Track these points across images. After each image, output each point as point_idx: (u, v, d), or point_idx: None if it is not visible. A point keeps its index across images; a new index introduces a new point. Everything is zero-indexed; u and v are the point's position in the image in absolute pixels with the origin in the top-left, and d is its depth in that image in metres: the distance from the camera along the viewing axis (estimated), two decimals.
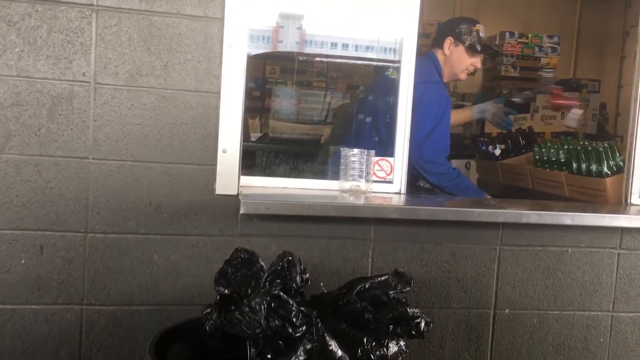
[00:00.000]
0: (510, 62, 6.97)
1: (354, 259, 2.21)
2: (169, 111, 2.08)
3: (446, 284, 2.29)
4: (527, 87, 6.80)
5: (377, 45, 3.91)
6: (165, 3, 2.05)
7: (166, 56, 2.07)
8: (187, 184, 2.11)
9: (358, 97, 3.19)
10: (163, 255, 2.12)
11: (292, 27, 4.66)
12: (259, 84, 5.06)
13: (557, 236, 2.35)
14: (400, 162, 2.41)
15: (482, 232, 2.30)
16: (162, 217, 2.10)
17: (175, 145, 2.09)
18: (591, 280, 2.40)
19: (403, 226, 2.23)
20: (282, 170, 3.20)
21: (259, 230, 2.15)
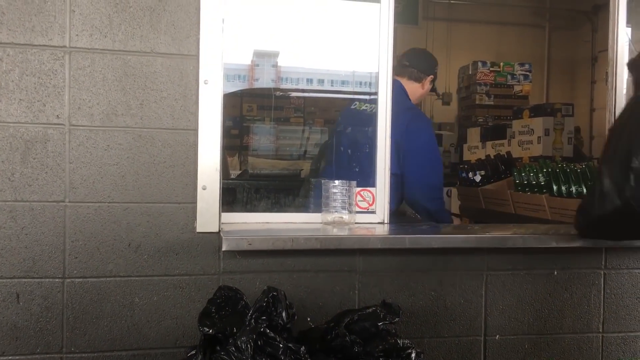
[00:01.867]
0: (484, 91, 7.10)
1: (341, 292, 2.18)
2: (146, 150, 2.06)
3: (435, 312, 2.26)
4: (501, 115, 6.92)
5: (352, 79, 3.95)
6: (139, 42, 2.04)
7: (142, 95, 2.05)
8: (167, 223, 2.07)
9: (336, 130, 3.19)
10: (144, 297, 2.06)
11: (267, 65, 4.70)
12: (237, 121, 5.07)
13: (542, 259, 2.34)
14: (382, 191, 2.41)
15: (468, 258, 2.28)
16: (142, 258, 2.05)
17: (153, 184, 2.06)
18: (579, 301, 2.38)
19: (389, 256, 2.21)
20: (264, 206, 3.17)
21: (242, 267, 2.11)
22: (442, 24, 7.54)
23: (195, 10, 2.07)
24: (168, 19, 2.06)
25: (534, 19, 7.92)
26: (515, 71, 7.20)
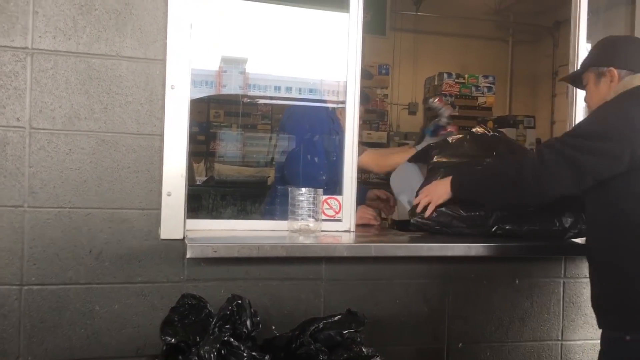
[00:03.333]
0: (449, 102, 7.20)
1: (306, 300, 2.17)
2: (109, 155, 2.02)
3: (399, 320, 2.27)
4: (466, 125, 7.02)
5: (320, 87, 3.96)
6: (104, 45, 2.01)
7: (106, 99, 2.01)
8: (130, 230, 2.03)
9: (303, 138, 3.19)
10: (105, 305, 2.02)
11: (235, 71, 4.67)
12: (204, 127, 5.03)
13: (504, 268, 2.38)
14: (348, 199, 2.41)
15: (433, 266, 2.30)
16: (103, 266, 2.01)
17: (116, 190, 2.02)
18: (540, 309, 2.42)
19: (354, 264, 2.21)
20: (230, 212, 3.14)
21: (207, 274, 2.09)
22: (409, 35, 7.63)
23: (162, 15, 2.05)
24: (134, 23, 2.03)
25: (497, 32, 8.08)
26: (479, 83, 7.32)
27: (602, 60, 2.04)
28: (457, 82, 7.24)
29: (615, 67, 1.99)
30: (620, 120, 1.85)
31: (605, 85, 2.01)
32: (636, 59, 2.00)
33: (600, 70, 2.03)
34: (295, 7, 3.17)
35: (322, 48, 2.94)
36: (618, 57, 2.01)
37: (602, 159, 1.84)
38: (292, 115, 3.43)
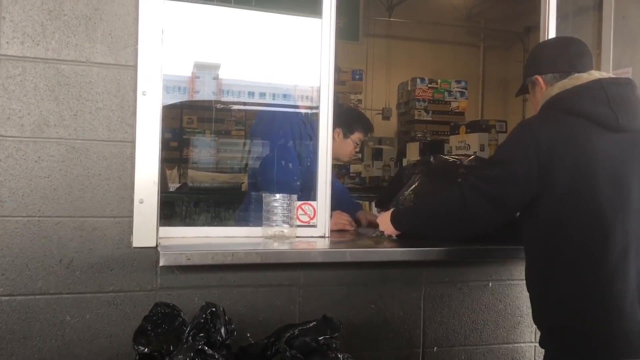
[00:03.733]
0: (422, 107, 7.27)
1: (282, 306, 2.16)
2: (80, 162, 1.99)
3: (375, 325, 2.27)
4: (439, 130, 7.10)
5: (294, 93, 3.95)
6: (73, 51, 1.98)
7: (76, 105, 1.98)
8: (101, 238, 2.00)
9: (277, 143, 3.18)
10: (76, 315, 1.98)
11: (208, 77, 4.64)
12: (176, 134, 4.99)
13: (478, 271, 2.40)
14: (323, 205, 2.41)
15: (407, 271, 2.31)
16: (74, 275, 1.98)
17: (87, 197, 1.99)
18: (513, 312, 2.45)
19: (329, 269, 2.21)
20: (203, 219, 3.12)
21: (181, 282, 2.06)
22: (382, 40, 7.68)
23: (133, 20, 2.03)
24: (105, 28, 2.01)
25: (469, 38, 8.19)
26: (452, 88, 7.41)
27: (530, 70, 2.03)
28: (430, 87, 7.31)
29: (540, 74, 1.97)
30: (523, 141, 1.80)
31: (539, 93, 1.99)
32: (560, 59, 1.95)
33: (532, 80, 2.01)
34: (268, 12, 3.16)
35: (296, 53, 2.94)
36: (541, 63, 1.98)
37: (509, 186, 1.82)
38: (262, 120, 3.42)
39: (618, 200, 1.75)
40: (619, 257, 1.73)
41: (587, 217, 1.75)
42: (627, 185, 1.76)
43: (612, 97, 1.77)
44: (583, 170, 1.74)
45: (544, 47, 2.13)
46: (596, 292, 1.74)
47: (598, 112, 1.76)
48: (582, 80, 1.83)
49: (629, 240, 1.75)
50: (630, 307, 1.73)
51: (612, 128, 1.76)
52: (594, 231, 1.74)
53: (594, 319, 1.74)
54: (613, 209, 1.74)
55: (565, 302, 1.78)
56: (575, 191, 1.74)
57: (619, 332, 1.72)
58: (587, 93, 1.80)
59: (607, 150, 1.75)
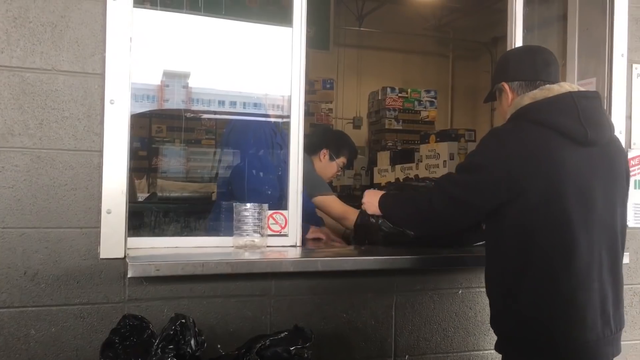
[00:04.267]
0: (393, 116, 7.33)
1: (253, 317, 2.14)
2: (45, 172, 1.95)
3: (347, 335, 2.26)
4: (410, 139, 7.16)
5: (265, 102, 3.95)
6: (39, 59, 1.94)
7: (41, 114, 1.94)
8: (67, 250, 1.96)
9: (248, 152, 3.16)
10: (41, 329, 1.93)
11: (177, 86, 4.60)
12: (145, 143, 4.92)
13: (448, 279, 2.42)
14: (294, 214, 2.40)
15: (379, 280, 2.31)
16: (39, 287, 1.93)
17: (53, 208, 1.95)
18: (482, 319, 2.47)
19: (301, 279, 2.20)
20: (173, 229, 3.07)
21: (150, 293, 2.03)
22: (353, 50, 7.73)
23: (100, 28, 2.00)
24: (71, 36, 1.98)
25: (438, 48, 8.30)
26: (421, 97, 7.49)
27: (497, 77, 2.04)
28: (400, 96, 7.38)
29: (506, 81, 1.97)
30: (489, 153, 1.83)
31: (505, 100, 2.00)
32: (525, 68, 1.96)
33: (498, 88, 2.03)
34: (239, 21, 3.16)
35: (266, 63, 2.93)
36: (508, 71, 2.00)
37: (477, 192, 1.83)
38: (235, 129, 3.41)
39: (584, 213, 1.77)
40: (584, 270, 1.76)
41: (554, 229, 1.76)
42: (592, 199, 1.79)
43: (582, 111, 1.78)
44: (552, 182, 1.75)
45: (511, 55, 2.15)
46: (560, 303, 1.75)
47: (568, 125, 1.77)
48: (553, 92, 1.84)
49: (592, 253, 1.78)
50: (592, 318, 1.76)
51: (581, 142, 1.78)
52: (561, 243, 1.76)
53: (557, 329, 1.76)
54: (579, 222, 1.76)
55: (529, 312, 1.79)
56: (544, 203, 1.75)
57: (580, 342, 1.75)
58: (558, 106, 1.81)
59: (575, 163, 1.77)
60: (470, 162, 1.92)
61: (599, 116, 1.85)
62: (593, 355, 1.77)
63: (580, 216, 1.76)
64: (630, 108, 2.78)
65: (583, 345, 1.75)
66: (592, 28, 2.88)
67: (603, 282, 1.80)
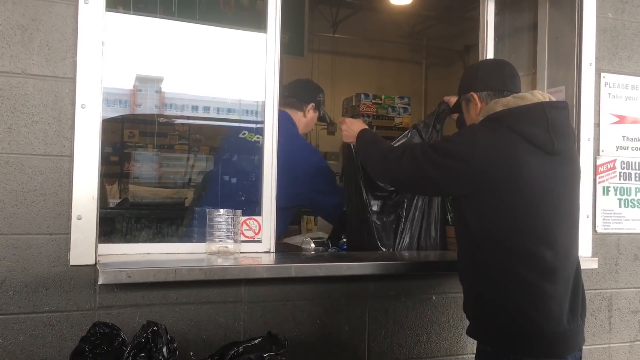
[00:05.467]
0: (367, 122, 7.34)
1: (225, 324, 2.13)
2: (14, 177, 1.91)
3: (321, 341, 2.26)
4: None
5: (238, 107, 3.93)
6: (8, 62, 1.91)
7: (10, 118, 1.91)
8: (36, 256, 1.92)
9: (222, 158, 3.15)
10: (9, 337, 1.89)
11: (150, 90, 4.56)
12: (117, 148, 4.86)
13: (422, 284, 2.43)
14: (268, 220, 2.39)
15: (352, 285, 2.32)
16: (7, 295, 1.89)
17: (21, 214, 1.91)
18: (455, 324, 2.49)
19: (275, 285, 2.19)
20: (145, 236, 3.04)
21: (121, 300, 2.00)
22: (327, 56, 7.75)
23: (72, 32, 1.98)
24: (42, 39, 1.95)
25: (411, 55, 8.36)
26: (395, 104, 7.53)
27: (465, 87, 2.14)
28: (374, 102, 7.41)
29: (476, 91, 2.08)
30: (468, 144, 1.89)
31: (473, 109, 2.11)
32: (493, 79, 2.07)
33: (466, 97, 2.13)
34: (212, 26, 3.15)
35: (240, 68, 2.93)
36: (477, 81, 2.10)
37: (445, 176, 1.92)
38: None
39: (550, 212, 1.88)
40: (550, 263, 1.85)
41: (521, 225, 1.86)
42: (556, 200, 1.90)
43: (551, 122, 1.88)
44: (518, 182, 1.85)
45: (479, 67, 2.24)
46: (528, 294, 1.84)
47: (537, 135, 1.87)
48: (525, 100, 1.93)
49: (558, 248, 1.87)
50: (558, 310, 1.84)
51: (547, 151, 1.88)
52: (528, 238, 1.85)
53: (526, 319, 1.83)
54: (545, 220, 1.87)
55: (499, 301, 1.88)
56: (510, 198, 1.85)
57: (547, 332, 1.83)
58: (529, 115, 1.90)
59: (540, 168, 1.87)
60: (447, 147, 1.95)
61: (566, 127, 1.96)
62: (559, 345, 1.85)
63: (546, 214, 1.87)
64: (598, 116, 2.84)
65: (550, 336, 1.83)
66: (561, 37, 2.94)
67: (568, 274, 1.90)
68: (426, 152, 1.98)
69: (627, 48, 2.89)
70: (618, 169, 2.87)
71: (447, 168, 1.91)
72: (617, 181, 2.87)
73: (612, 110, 2.87)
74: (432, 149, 1.98)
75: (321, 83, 7.85)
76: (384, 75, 7.94)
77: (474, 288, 1.97)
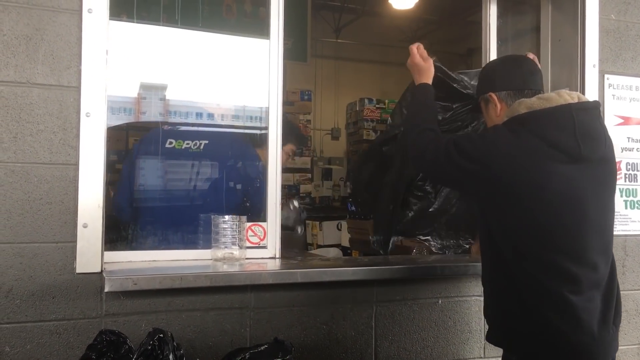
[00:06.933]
0: (370, 127, 7.36)
1: (232, 330, 2.13)
2: (20, 186, 1.92)
3: (327, 346, 2.26)
4: None
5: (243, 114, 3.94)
6: (13, 72, 1.92)
7: (15, 127, 1.92)
8: (43, 265, 1.93)
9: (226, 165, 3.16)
10: (16, 345, 1.89)
11: (154, 98, 4.57)
12: (122, 156, 4.87)
13: (428, 288, 2.43)
14: (273, 226, 2.40)
15: (358, 290, 2.32)
16: (14, 304, 1.89)
17: (27, 222, 1.92)
18: (462, 328, 2.48)
19: (280, 291, 2.19)
20: (151, 243, 3.04)
21: (127, 308, 2.01)
22: (330, 61, 7.76)
23: (76, 41, 1.99)
24: (46, 49, 1.96)
25: None
26: None
27: (483, 88, 2.06)
28: (377, 107, 7.41)
29: (494, 91, 1.99)
30: (490, 149, 1.82)
31: (492, 110, 2.01)
32: (512, 77, 1.98)
33: (485, 98, 2.04)
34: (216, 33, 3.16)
35: (244, 74, 2.94)
36: (495, 81, 2.01)
37: (464, 176, 1.86)
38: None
39: (576, 221, 1.79)
40: (575, 273, 1.77)
41: (545, 235, 1.78)
42: (584, 208, 1.80)
43: (579, 126, 1.78)
44: (540, 191, 1.76)
45: (496, 65, 2.15)
46: (553, 305, 1.76)
47: (563, 141, 1.78)
48: (551, 102, 1.83)
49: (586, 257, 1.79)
50: (587, 320, 1.76)
51: (574, 158, 1.79)
52: (552, 249, 1.77)
53: (551, 330, 1.76)
54: (572, 230, 1.78)
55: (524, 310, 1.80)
56: (533, 209, 1.77)
57: (575, 342, 1.76)
58: (555, 119, 1.80)
59: (566, 175, 1.78)
60: (468, 149, 1.87)
61: (596, 131, 1.85)
62: (590, 354, 1.78)
63: (571, 223, 1.78)
64: (603, 117, 2.83)
65: (578, 346, 1.76)
66: (564, 39, 2.94)
67: (598, 282, 1.82)
68: (449, 149, 1.89)
69: (631, 49, 2.88)
70: (623, 171, 2.87)
71: (466, 170, 1.84)
72: (623, 183, 2.86)
73: (617, 112, 2.87)
74: (455, 146, 1.88)
75: (324, 88, 7.93)
76: (387, 80, 7.94)
77: (498, 295, 1.89)
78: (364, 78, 7.85)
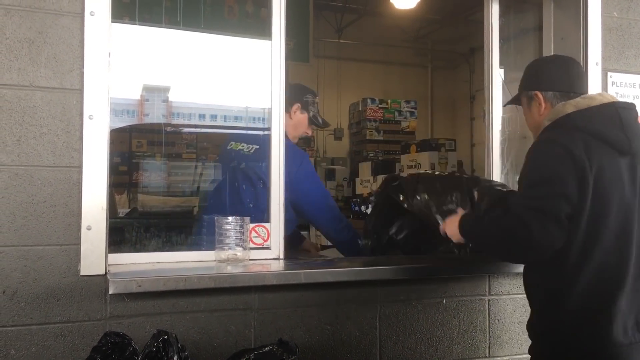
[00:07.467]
0: (373, 127, 7.36)
1: (236, 331, 2.13)
2: (23, 189, 1.92)
3: (331, 347, 2.26)
4: (391, 149, 7.20)
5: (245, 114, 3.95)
6: (16, 75, 1.93)
7: (19, 131, 1.92)
8: (47, 267, 1.93)
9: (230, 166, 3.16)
10: (21, 348, 1.90)
11: (157, 100, 4.58)
12: (126, 158, 4.89)
13: (432, 288, 2.43)
14: (276, 227, 2.40)
15: (362, 290, 2.31)
16: (18, 306, 1.90)
17: (32, 225, 1.92)
18: (467, 327, 2.48)
19: (285, 292, 2.19)
20: (155, 245, 3.05)
21: (131, 310, 2.01)
22: (332, 62, 7.76)
23: (78, 44, 1.99)
24: (49, 52, 1.96)
25: (417, 59, 8.36)
26: (402, 108, 7.53)
27: (529, 85, 2.05)
28: (380, 107, 7.41)
29: (540, 90, 1.98)
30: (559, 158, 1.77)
31: (535, 108, 2.01)
32: (560, 78, 1.99)
33: (529, 95, 2.03)
34: (218, 34, 3.16)
35: (246, 75, 2.94)
36: (542, 80, 2.01)
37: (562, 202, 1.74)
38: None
39: (628, 223, 1.80)
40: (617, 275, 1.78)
41: (607, 240, 1.78)
42: (631, 209, 1.81)
43: (625, 122, 1.82)
44: (600, 190, 1.76)
45: (544, 64, 2.13)
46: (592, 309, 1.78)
47: (613, 135, 1.80)
48: (595, 101, 1.86)
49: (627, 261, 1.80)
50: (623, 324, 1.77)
51: (624, 152, 1.80)
52: (612, 255, 1.78)
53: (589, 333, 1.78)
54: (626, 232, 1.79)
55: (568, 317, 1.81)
56: (597, 213, 1.77)
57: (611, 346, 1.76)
58: (602, 115, 1.83)
59: (619, 172, 1.79)
60: (543, 173, 1.80)
61: (637, 127, 1.87)
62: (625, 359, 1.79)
63: (625, 226, 1.79)
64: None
65: (614, 349, 1.77)
66: (567, 38, 2.93)
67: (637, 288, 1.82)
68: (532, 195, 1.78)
69: (634, 47, 2.88)
70: None
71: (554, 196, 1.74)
72: None
73: None
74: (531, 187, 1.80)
75: (327, 88, 7.92)
76: (390, 80, 7.94)
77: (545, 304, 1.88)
78: (367, 78, 7.85)
